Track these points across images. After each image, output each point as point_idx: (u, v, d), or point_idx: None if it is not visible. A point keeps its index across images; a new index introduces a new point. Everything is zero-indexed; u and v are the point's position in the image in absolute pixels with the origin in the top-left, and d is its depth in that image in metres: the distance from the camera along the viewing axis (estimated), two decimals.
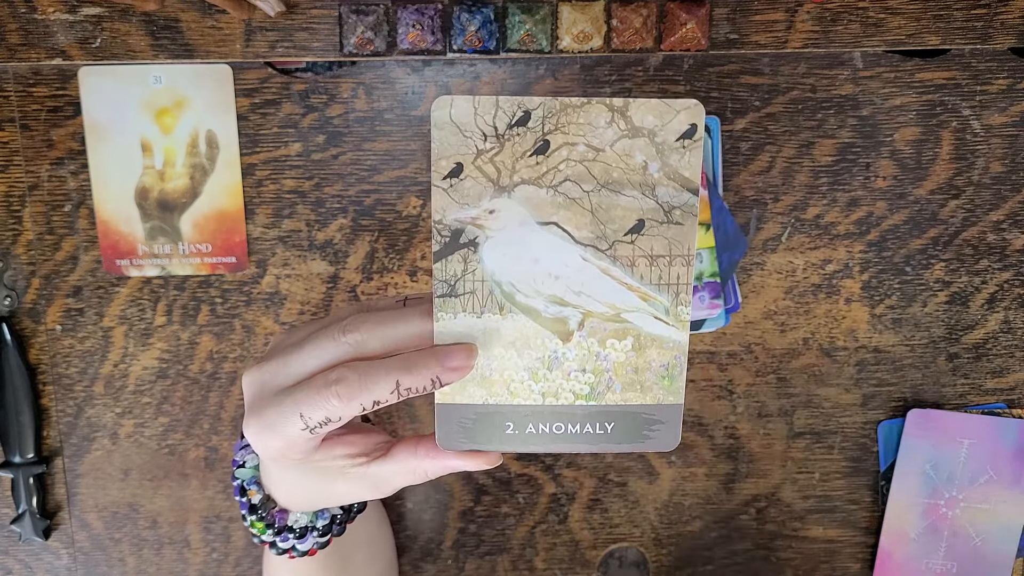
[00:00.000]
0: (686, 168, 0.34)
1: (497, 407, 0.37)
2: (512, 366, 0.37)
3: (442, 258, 0.35)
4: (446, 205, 0.34)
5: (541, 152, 0.34)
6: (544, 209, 0.34)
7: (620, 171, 0.34)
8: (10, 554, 0.56)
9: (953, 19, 0.50)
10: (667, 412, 0.38)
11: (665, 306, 0.36)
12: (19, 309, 0.53)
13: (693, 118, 0.34)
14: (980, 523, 0.57)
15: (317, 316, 0.53)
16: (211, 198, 0.52)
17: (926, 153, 0.53)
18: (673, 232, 0.35)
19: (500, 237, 0.35)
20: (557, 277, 0.35)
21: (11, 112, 0.50)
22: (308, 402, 0.36)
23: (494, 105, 0.33)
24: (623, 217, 0.35)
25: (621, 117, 0.33)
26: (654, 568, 0.58)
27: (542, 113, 0.33)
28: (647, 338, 0.37)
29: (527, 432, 0.38)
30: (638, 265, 0.35)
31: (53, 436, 0.54)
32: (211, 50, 0.49)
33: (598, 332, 0.36)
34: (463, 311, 0.36)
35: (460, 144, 0.33)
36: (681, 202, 0.35)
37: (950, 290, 0.55)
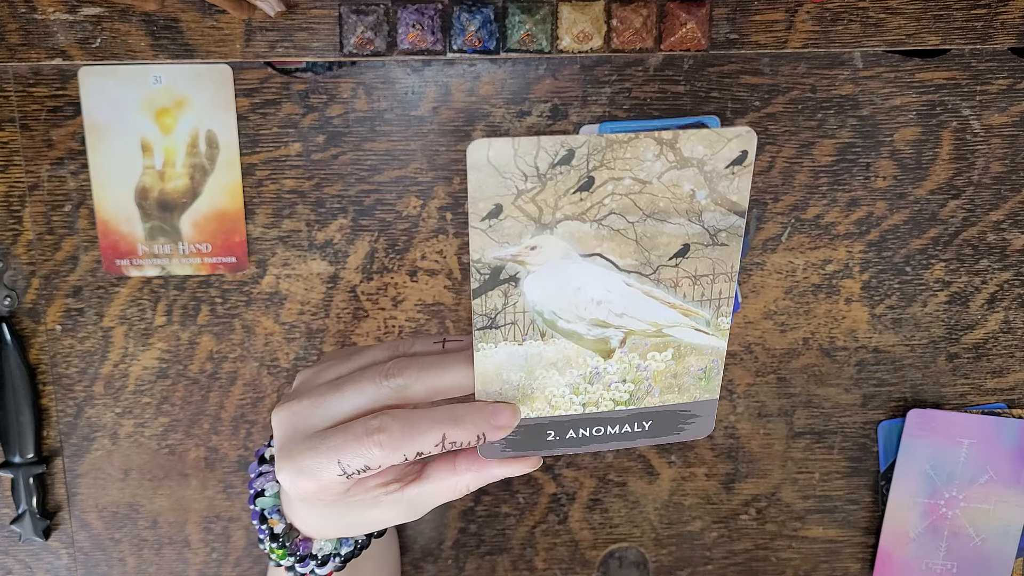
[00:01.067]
0: (734, 193, 0.34)
1: (539, 419, 0.37)
2: (553, 384, 0.36)
3: (482, 294, 0.34)
4: (485, 245, 0.33)
5: (585, 189, 0.33)
6: (587, 242, 0.34)
7: (667, 200, 0.33)
8: (10, 554, 0.56)
9: (953, 19, 0.50)
10: (703, 407, 0.38)
11: (706, 319, 0.36)
12: (19, 309, 0.53)
13: (744, 145, 0.33)
14: (980, 523, 0.57)
15: (318, 318, 0.53)
16: (211, 198, 0.52)
17: (926, 153, 0.53)
18: (718, 253, 0.35)
19: (542, 271, 0.34)
20: (600, 303, 0.35)
21: (11, 112, 0.50)
22: (347, 449, 0.35)
23: (535, 145, 0.32)
24: (668, 244, 0.34)
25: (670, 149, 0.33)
26: (654, 568, 0.58)
27: (586, 151, 0.32)
28: (687, 347, 0.37)
29: (568, 437, 0.38)
30: (681, 285, 0.35)
31: (53, 436, 0.54)
32: (211, 50, 0.49)
33: (639, 347, 0.36)
34: (504, 340, 0.35)
35: (499, 185, 0.32)
36: (727, 224, 0.34)
37: (950, 290, 0.55)
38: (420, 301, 0.54)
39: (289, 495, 0.40)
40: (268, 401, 0.54)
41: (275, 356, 0.54)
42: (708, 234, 0.34)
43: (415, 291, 0.53)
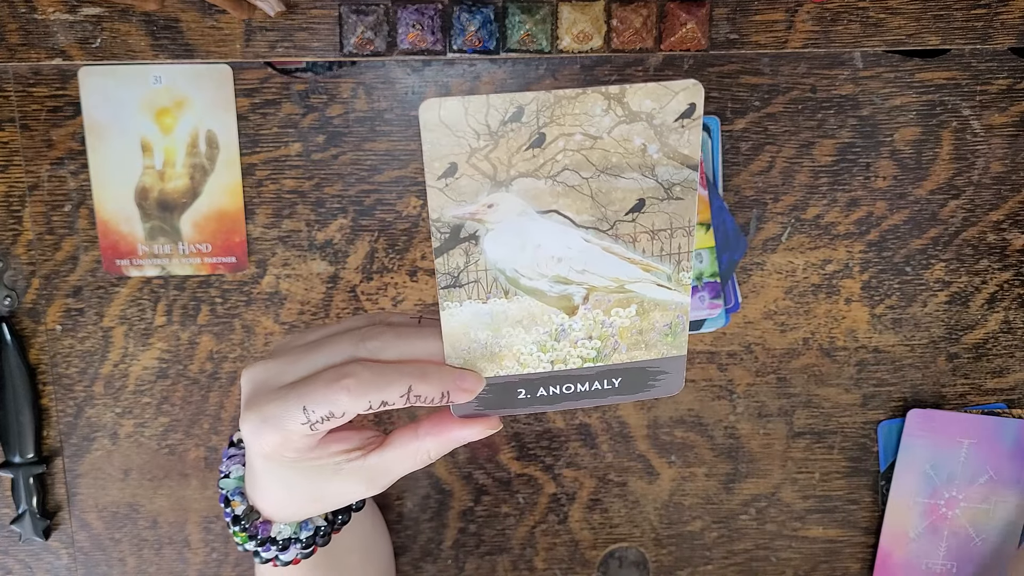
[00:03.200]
0: (685, 146, 0.34)
1: (508, 378, 0.38)
2: (520, 341, 0.37)
3: (443, 253, 0.35)
4: (443, 204, 0.34)
5: (537, 145, 0.33)
6: (543, 199, 0.34)
7: (619, 156, 0.34)
8: (10, 554, 0.56)
9: (953, 19, 0.50)
10: (671, 363, 0.39)
11: (667, 274, 0.37)
12: (19, 309, 0.53)
13: (692, 97, 0.33)
14: (980, 523, 0.57)
15: (318, 317, 0.53)
16: (211, 198, 0.52)
17: (926, 153, 0.53)
18: (674, 207, 0.35)
19: (500, 228, 0.35)
20: (560, 259, 0.36)
21: (11, 112, 0.50)
22: (314, 394, 0.35)
23: (485, 104, 0.33)
24: (623, 199, 0.35)
25: (618, 104, 0.33)
26: (654, 568, 0.58)
27: (536, 107, 0.33)
28: (650, 303, 0.37)
29: (538, 395, 0.38)
30: (639, 240, 0.36)
31: (53, 436, 0.54)
32: (211, 50, 0.49)
33: (602, 303, 0.37)
34: (468, 299, 0.36)
35: (452, 144, 0.33)
36: (681, 178, 0.35)
37: (950, 290, 0.55)
38: (420, 301, 0.54)
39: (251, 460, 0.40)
40: None
41: None
42: (662, 188, 0.35)
43: (415, 291, 0.53)
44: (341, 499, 0.40)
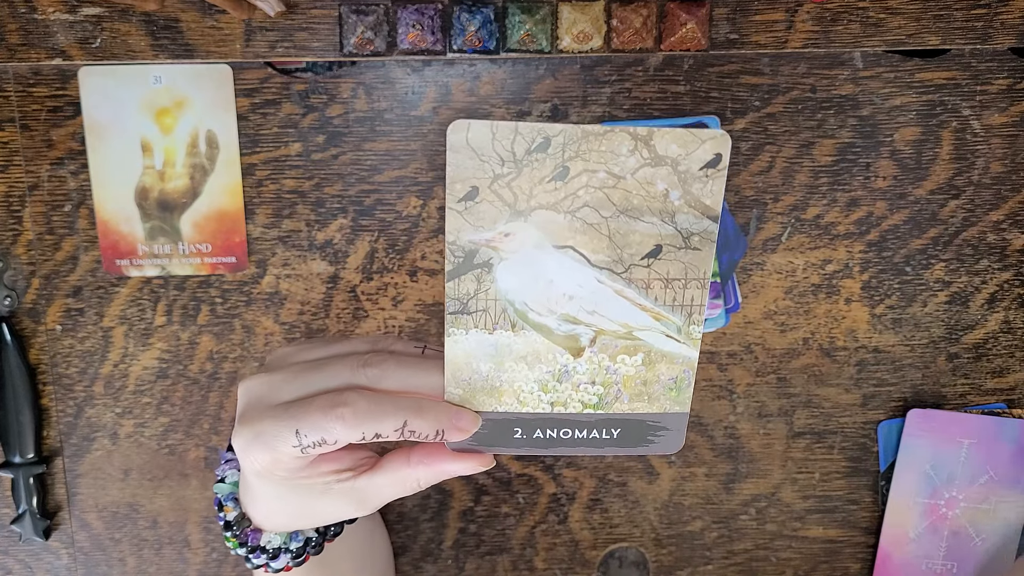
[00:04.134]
0: (708, 196, 0.34)
1: (506, 415, 0.37)
2: (522, 378, 0.36)
3: (455, 277, 0.34)
4: (460, 227, 0.33)
5: (560, 178, 0.33)
6: (561, 234, 0.34)
7: (640, 198, 0.34)
8: (10, 554, 0.56)
9: (953, 19, 0.50)
10: (672, 420, 0.38)
11: (677, 325, 0.36)
12: (19, 309, 0.53)
13: (718, 148, 0.33)
14: (980, 523, 0.57)
15: (318, 318, 0.53)
16: (211, 198, 0.52)
17: (926, 153, 0.53)
18: (690, 257, 0.35)
19: (515, 259, 0.34)
20: (571, 297, 0.35)
21: (11, 112, 0.50)
22: (308, 420, 0.35)
23: (513, 131, 0.32)
24: (640, 242, 0.34)
25: (644, 146, 0.33)
26: (654, 568, 0.58)
27: (563, 140, 0.32)
28: (658, 354, 0.37)
29: (535, 437, 0.38)
30: (653, 287, 0.35)
31: (53, 436, 0.54)
32: (211, 50, 0.49)
33: (609, 348, 0.36)
34: (475, 327, 0.35)
35: (476, 168, 0.33)
36: (700, 228, 0.34)
37: (950, 290, 0.55)
38: (420, 301, 0.54)
39: (244, 471, 0.40)
40: None
41: None
42: (681, 236, 0.34)
43: (415, 291, 0.53)
44: (330, 517, 0.40)
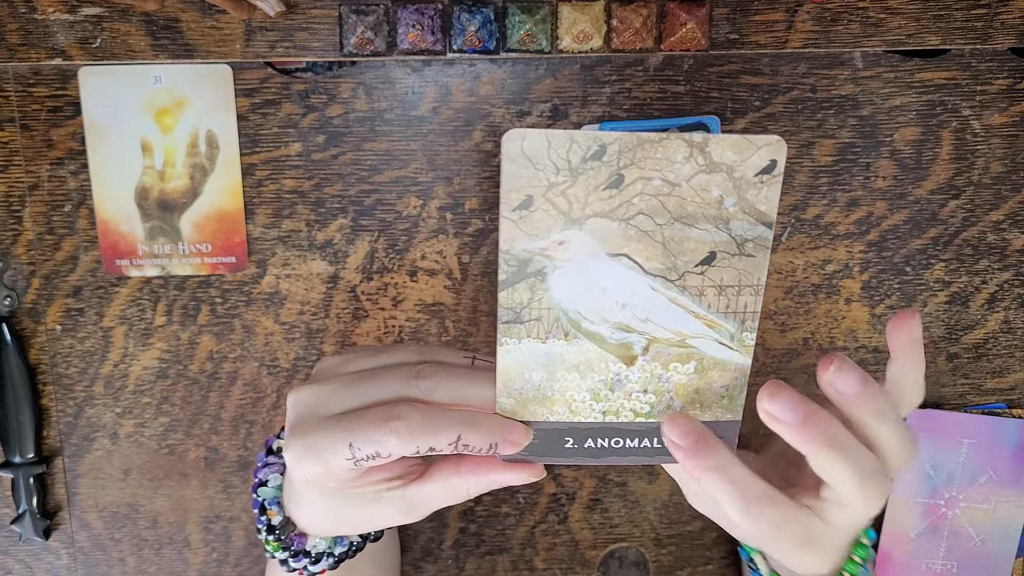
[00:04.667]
0: (763, 203, 0.34)
1: (557, 424, 0.37)
2: (574, 387, 0.36)
3: (509, 287, 0.34)
4: (514, 236, 0.33)
5: (615, 186, 0.33)
6: (615, 242, 0.34)
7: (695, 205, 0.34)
8: (10, 554, 0.56)
9: (953, 19, 0.50)
10: (725, 428, 0.38)
11: (731, 332, 0.36)
12: (19, 309, 0.53)
13: (774, 154, 0.33)
14: (980, 523, 0.57)
15: (318, 318, 0.53)
16: (211, 198, 0.52)
17: (926, 153, 0.53)
18: (744, 263, 0.35)
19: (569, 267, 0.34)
20: (624, 305, 0.35)
21: (11, 112, 0.50)
22: (361, 433, 0.35)
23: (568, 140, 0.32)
24: (695, 249, 0.34)
25: (700, 153, 0.33)
26: (654, 568, 0.58)
27: (618, 148, 0.32)
28: (710, 361, 0.36)
29: (586, 446, 0.37)
30: (706, 295, 0.35)
31: (53, 436, 0.54)
32: (211, 50, 0.49)
33: (662, 356, 0.36)
34: (528, 336, 0.35)
35: (531, 177, 0.33)
36: (755, 235, 0.34)
37: (950, 290, 0.55)
38: (420, 301, 0.54)
39: (292, 480, 0.40)
40: (268, 401, 0.54)
41: (275, 356, 0.54)
42: (735, 243, 0.34)
43: (415, 291, 0.53)
44: (378, 524, 0.40)
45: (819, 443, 0.34)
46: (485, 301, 0.54)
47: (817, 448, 0.35)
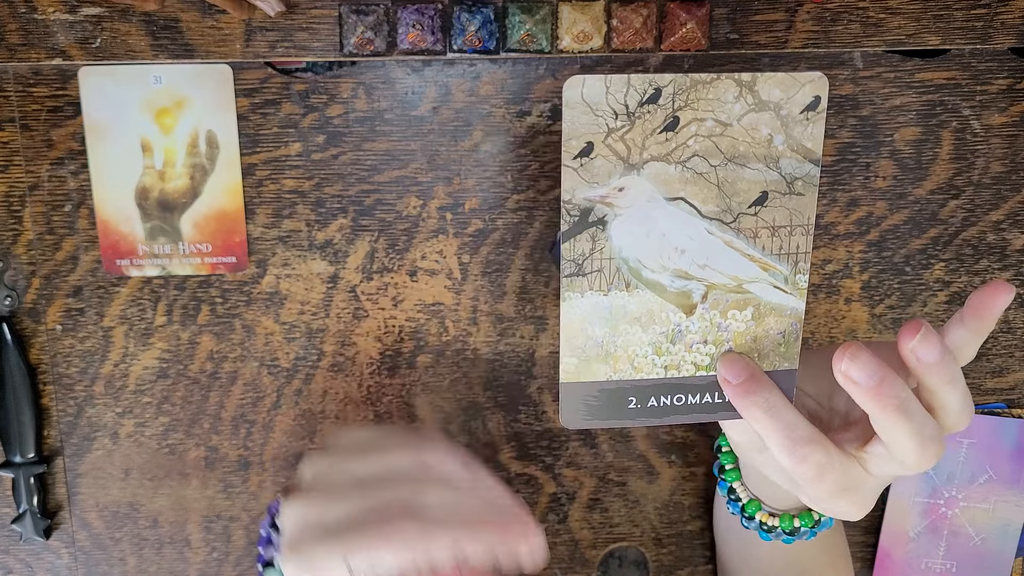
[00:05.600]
0: (809, 139, 0.34)
1: (620, 383, 0.37)
2: (637, 342, 0.37)
3: (571, 237, 0.35)
4: (575, 185, 0.34)
5: (671, 129, 0.34)
6: (672, 185, 0.34)
7: (746, 145, 0.34)
8: (11, 554, 0.56)
9: (953, 19, 0.50)
10: (782, 378, 0.38)
11: (784, 275, 0.36)
12: (19, 309, 0.53)
13: (817, 90, 0.34)
14: (980, 523, 0.57)
15: (318, 317, 0.53)
16: (211, 198, 0.52)
17: (926, 153, 0.53)
18: (795, 203, 0.35)
19: (628, 214, 0.35)
20: (683, 251, 0.36)
21: (11, 112, 0.50)
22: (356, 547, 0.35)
23: (625, 83, 0.33)
24: (747, 190, 0.35)
25: (749, 91, 0.34)
26: (654, 568, 0.59)
27: (672, 90, 0.33)
28: (766, 307, 0.37)
29: (649, 405, 0.38)
30: (760, 236, 0.36)
31: (53, 436, 0.54)
32: (211, 50, 0.49)
33: (720, 304, 0.37)
34: (590, 289, 0.36)
35: (591, 123, 0.33)
36: (803, 173, 0.35)
37: (950, 290, 0.55)
38: (420, 301, 0.54)
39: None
40: (268, 401, 0.55)
41: (275, 356, 0.54)
42: (785, 182, 0.35)
43: (415, 291, 0.53)
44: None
45: (890, 408, 0.35)
46: (485, 301, 0.54)
47: (888, 412, 0.35)
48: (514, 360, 0.55)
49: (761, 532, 0.47)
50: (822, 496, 0.38)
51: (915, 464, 0.37)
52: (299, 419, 0.55)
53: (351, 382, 0.55)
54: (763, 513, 0.46)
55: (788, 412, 0.37)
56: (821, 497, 0.38)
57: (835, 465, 0.37)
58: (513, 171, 0.52)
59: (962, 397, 0.37)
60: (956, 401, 0.37)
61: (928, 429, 0.36)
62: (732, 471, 0.48)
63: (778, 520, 0.46)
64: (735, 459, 0.48)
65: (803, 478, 0.37)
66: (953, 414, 0.37)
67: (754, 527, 0.47)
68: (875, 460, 0.38)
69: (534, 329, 0.54)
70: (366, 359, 0.54)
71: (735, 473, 0.48)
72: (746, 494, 0.47)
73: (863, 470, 0.38)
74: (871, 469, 0.38)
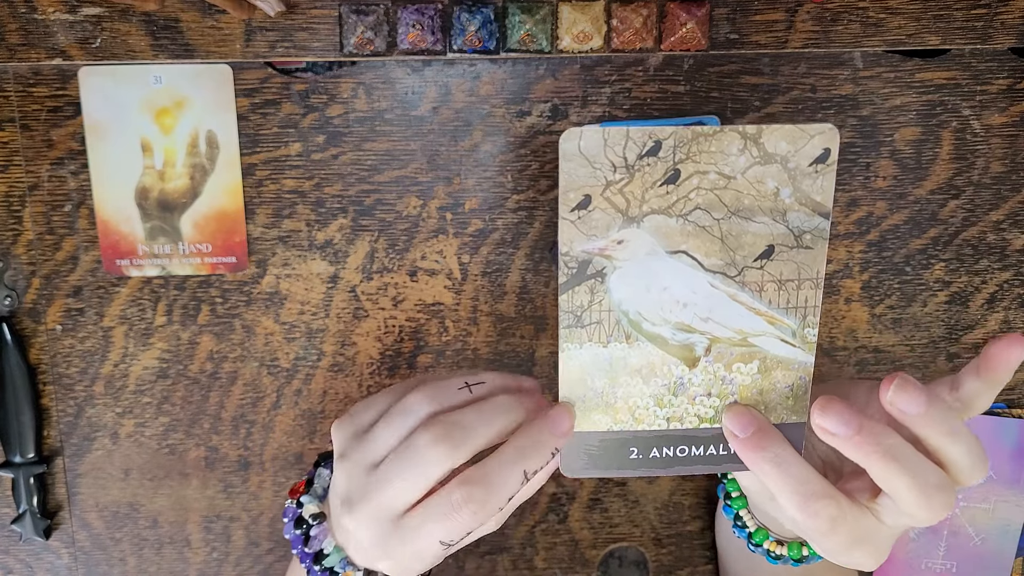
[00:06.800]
0: (818, 193, 0.34)
1: (621, 433, 0.37)
2: (637, 393, 0.36)
3: (569, 289, 0.34)
4: (573, 237, 0.33)
5: (671, 182, 0.33)
6: (673, 238, 0.34)
7: (751, 198, 0.34)
8: (11, 554, 0.56)
9: (953, 19, 0.50)
10: (791, 431, 0.37)
11: (792, 329, 0.36)
12: (19, 309, 0.53)
13: (827, 143, 0.33)
14: (980, 523, 0.57)
15: (318, 317, 0.53)
16: (211, 198, 0.52)
17: (926, 153, 0.53)
18: (803, 256, 0.35)
19: (627, 267, 0.34)
20: (685, 304, 0.35)
21: (11, 112, 0.50)
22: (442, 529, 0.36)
23: (624, 136, 0.32)
24: (753, 243, 0.34)
25: (754, 144, 0.33)
26: (654, 568, 0.59)
27: (673, 143, 0.33)
28: (773, 360, 0.36)
29: (651, 456, 0.37)
30: (766, 290, 0.35)
31: (53, 436, 0.54)
32: (211, 50, 0.49)
33: (724, 357, 0.36)
34: (589, 340, 0.35)
35: (589, 176, 0.33)
36: (812, 226, 0.34)
37: (950, 290, 0.55)
38: (420, 301, 0.54)
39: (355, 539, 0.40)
40: (268, 401, 0.55)
41: (275, 356, 0.54)
42: (793, 235, 0.34)
43: (415, 291, 0.53)
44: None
45: (875, 455, 0.34)
46: (485, 301, 0.54)
47: (874, 460, 0.34)
48: (514, 360, 0.55)
49: (768, 558, 0.46)
50: (836, 549, 0.37)
51: (923, 516, 0.35)
52: (299, 419, 0.55)
53: (351, 382, 0.55)
54: (771, 542, 0.45)
55: (798, 466, 0.35)
56: (835, 550, 0.37)
57: (847, 518, 0.35)
58: (513, 171, 0.52)
59: (967, 449, 0.35)
60: (959, 454, 0.35)
61: (929, 477, 0.34)
62: (739, 499, 0.47)
63: (786, 548, 0.45)
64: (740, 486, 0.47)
65: (815, 532, 0.36)
66: (961, 469, 0.35)
67: (761, 552, 0.46)
68: (886, 511, 0.36)
69: (534, 329, 0.54)
70: (366, 359, 0.54)
71: (742, 501, 0.47)
72: (753, 523, 0.46)
73: (876, 520, 0.37)
74: (884, 519, 0.37)
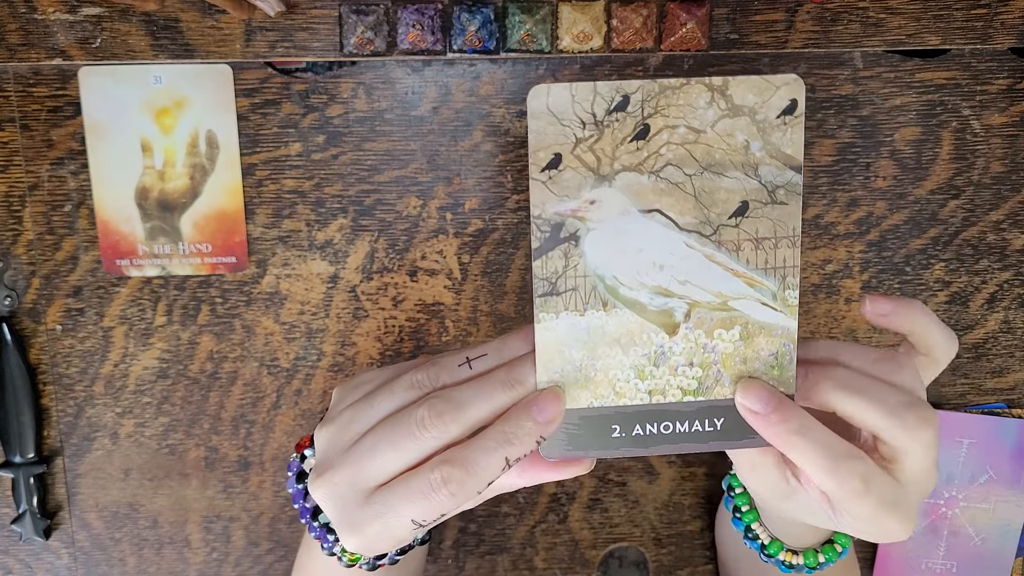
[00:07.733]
0: (788, 145, 0.33)
1: (602, 409, 0.35)
2: (617, 364, 0.35)
3: (542, 255, 0.33)
4: (545, 199, 0.33)
5: (641, 137, 0.32)
6: (646, 196, 0.33)
7: (722, 152, 0.33)
8: (11, 554, 0.56)
9: (953, 19, 0.50)
10: None
11: (772, 291, 0.35)
12: (19, 309, 0.53)
13: (793, 93, 0.33)
14: (980, 523, 0.57)
15: (318, 317, 0.53)
16: (211, 198, 0.52)
17: (926, 153, 0.53)
18: (778, 213, 0.34)
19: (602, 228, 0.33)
20: (661, 267, 0.34)
21: (11, 112, 0.50)
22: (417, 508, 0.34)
23: (592, 91, 0.32)
24: (727, 200, 0.33)
25: (721, 96, 0.32)
26: (654, 568, 0.58)
27: (641, 97, 0.32)
28: (755, 326, 0.35)
29: (634, 434, 0.36)
30: (743, 249, 0.34)
31: (53, 436, 0.54)
32: (211, 50, 0.49)
33: (705, 322, 0.35)
34: (565, 309, 0.34)
35: (558, 134, 0.32)
36: (784, 181, 0.34)
37: (950, 290, 0.55)
38: (420, 301, 0.54)
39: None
40: (268, 401, 0.54)
41: (275, 356, 0.54)
42: (766, 191, 0.34)
43: (415, 291, 0.53)
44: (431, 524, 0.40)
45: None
46: (485, 301, 0.54)
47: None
48: None
49: (782, 567, 0.45)
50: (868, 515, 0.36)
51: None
52: (299, 419, 0.55)
53: None
54: (786, 553, 0.45)
55: (821, 431, 0.34)
56: (867, 516, 0.36)
57: (876, 477, 0.35)
58: (513, 171, 0.52)
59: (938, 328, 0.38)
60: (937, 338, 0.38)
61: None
62: (749, 512, 0.46)
63: (801, 557, 0.45)
64: (750, 499, 0.46)
65: (850, 495, 0.35)
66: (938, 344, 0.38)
67: (774, 563, 0.46)
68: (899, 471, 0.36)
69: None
70: (366, 359, 0.54)
71: (753, 514, 0.46)
72: (767, 535, 0.45)
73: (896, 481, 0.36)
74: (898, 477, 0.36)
